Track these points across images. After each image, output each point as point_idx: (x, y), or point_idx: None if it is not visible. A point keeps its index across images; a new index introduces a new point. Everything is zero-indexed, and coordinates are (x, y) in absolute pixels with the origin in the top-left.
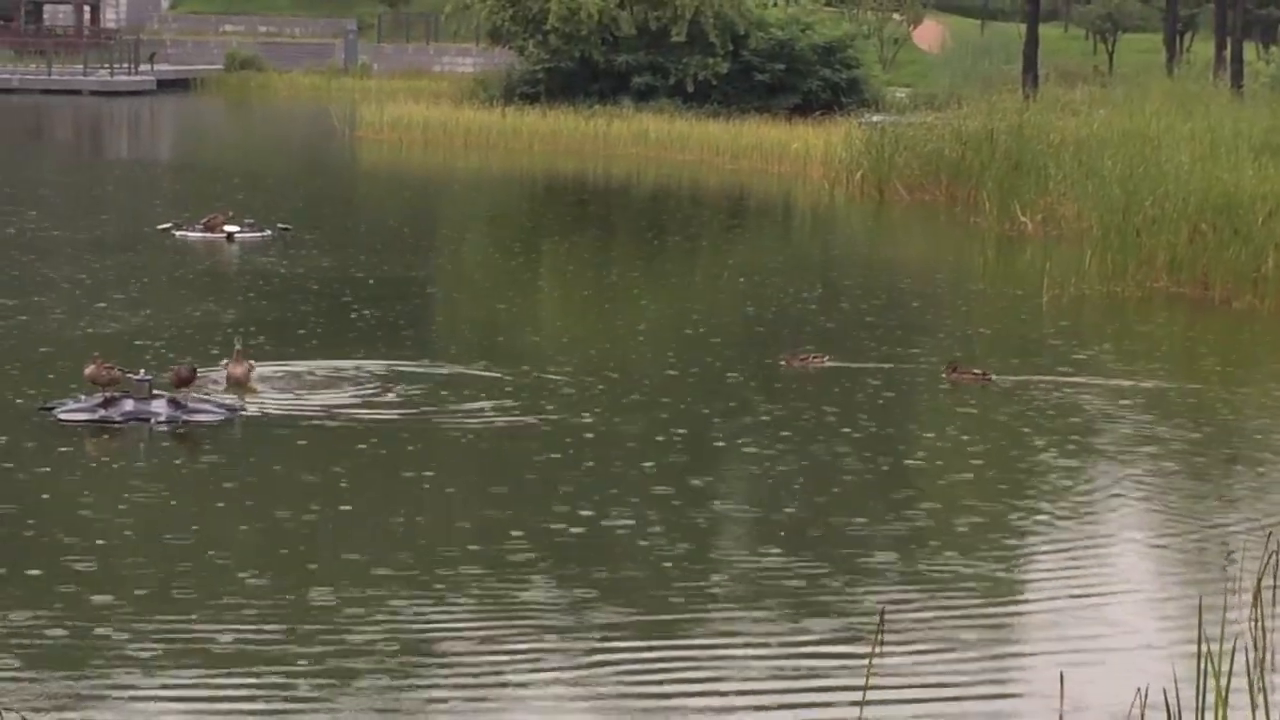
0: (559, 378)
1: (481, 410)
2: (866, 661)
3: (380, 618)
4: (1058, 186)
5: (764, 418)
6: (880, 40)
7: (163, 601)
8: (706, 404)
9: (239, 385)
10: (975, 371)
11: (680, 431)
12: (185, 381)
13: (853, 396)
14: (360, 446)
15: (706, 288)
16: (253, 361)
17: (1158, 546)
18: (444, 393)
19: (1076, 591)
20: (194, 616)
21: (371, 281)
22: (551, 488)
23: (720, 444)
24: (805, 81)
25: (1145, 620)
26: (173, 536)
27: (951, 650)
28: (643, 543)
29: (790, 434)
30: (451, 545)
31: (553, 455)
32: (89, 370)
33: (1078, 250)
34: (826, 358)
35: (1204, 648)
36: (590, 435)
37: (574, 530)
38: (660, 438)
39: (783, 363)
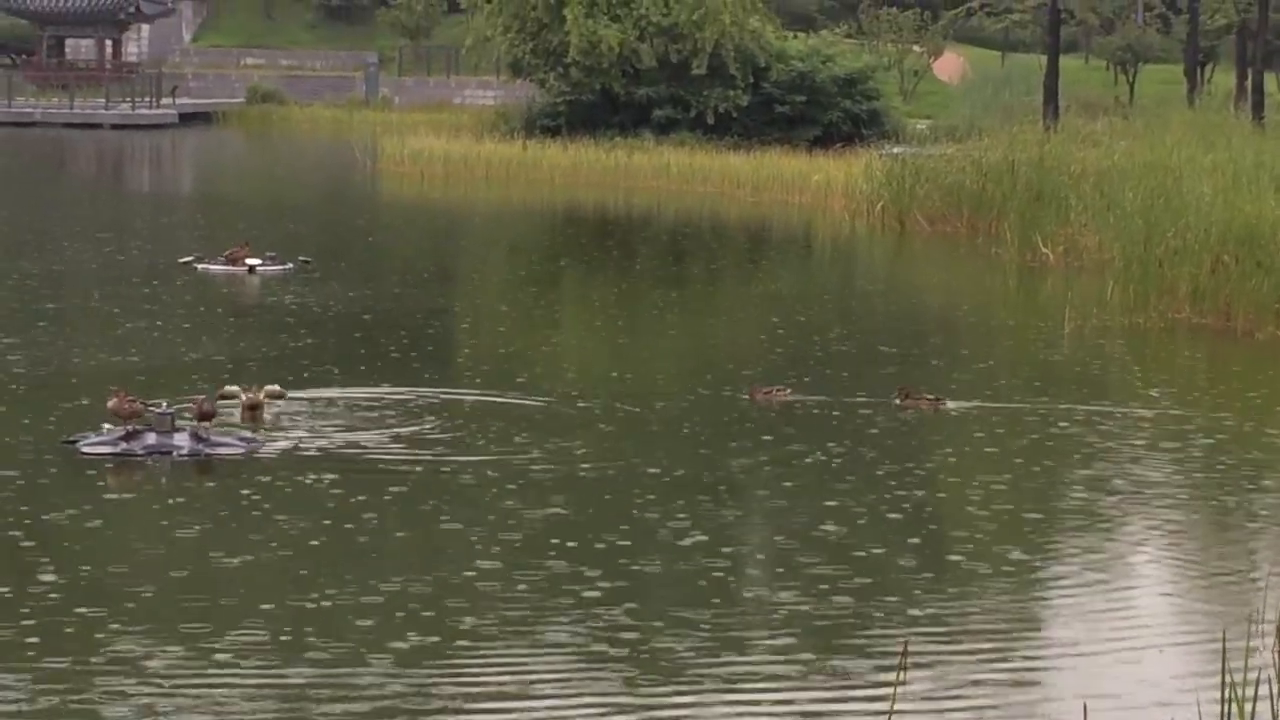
0: (579, 409)
1: (502, 440)
2: (890, 695)
3: (400, 659)
4: (1079, 218)
5: (784, 449)
6: (901, 72)
7: (180, 635)
8: (725, 435)
9: (251, 412)
10: (928, 397)
11: (696, 463)
12: (207, 415)
13: (871, 429)
14: (381, 478)
15: (727, 319)
16: (271, 389)
17: (1180, 580)
18: (467, 423)
19: (1099, 626)
20: (213, 651)
21: (393, 313)
22: (570, 522)
23: (740, 476)
24: (826, 113)
25: (1168, 656)
26: (193, 570)
27: (975, 684)
28: (661, 577)
29: (810, 466)
30: (471, 585)
31: (573, 489)
32: (111, 403)
33: (1099, 281)
34: (789, 390)
35: (1227, 680)
36: (609, 468)
37: (592, 567)
38: (678, 470)
39: (745, 397)
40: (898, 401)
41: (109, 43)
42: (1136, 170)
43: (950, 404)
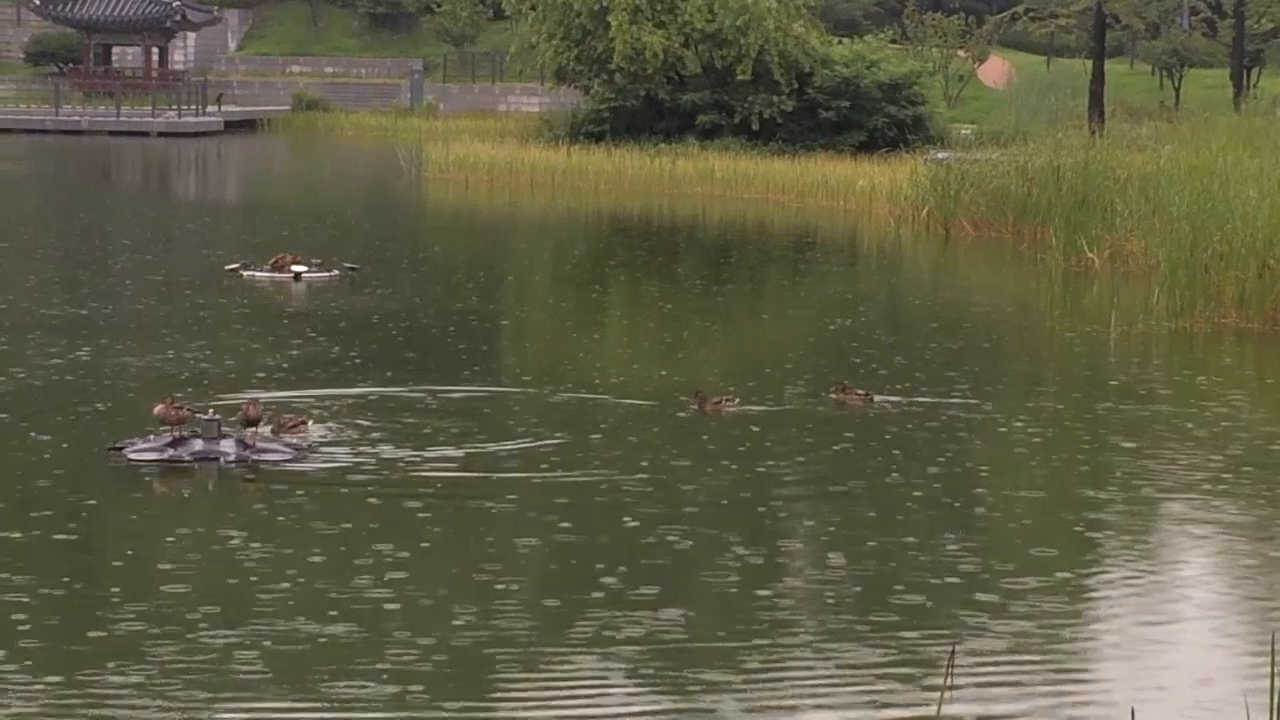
0: (625, 410)
1: (550, 444)
2: (937, 699)
3: (446, 676)
4: (1124, 222)
5: (826, 453)
6: (945, 77)
7: (227, 644)
8: (770, 439)
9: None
10: (859, 392)
11: (744, 467)
12: (253, 421)
13: (916, 432)
14: (429, 485)
15: (772, 324)
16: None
17: (1228, 582)
18: (515, 427)
19: (1147, 628)
20: (254, 660)
21: (439, 319)
22: (616, 527)
23: (787, 478)
24: (870, 119)
25: (1217, 656)
26: (237, 577)
27: (1020, 687)
28: (704, 579)
29: (854, 471)
30: (515, 598)
31: (616, 494)
32: (158, 409)
33: (1145, 286)
34: (736, 399)
35: (1276, 684)
36: (652, 470)
37: (631, 567)
38: (727, 476)
39: (694, 407)
40: (833, 397)
41: (155, 51)
42: (1182, 175)
43: (879, 399)
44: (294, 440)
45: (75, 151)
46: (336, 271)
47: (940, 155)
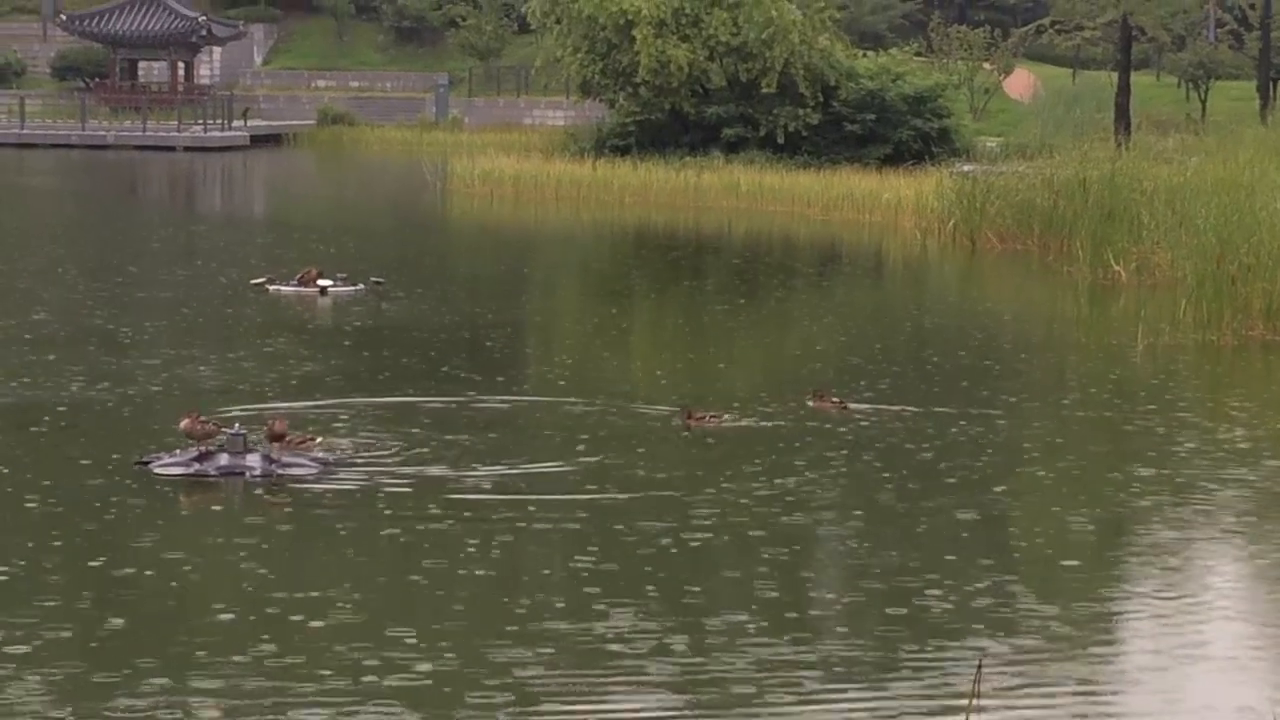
0: (648, 422)
1: (577, 456)
2: (964, 713)
3: (478, 698)
4: (1151, 235)
5: (848, 466)
6: (971, 90)
7: (254, 659)
8: (793, 452)
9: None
10: (835, 399)
11: (766, 481)
12: (279, 436)
13: (941, 443)
14: (455, 499)
15: (797, 336)
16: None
17: (1259, 594)
18: (542, 440)
19: (1176, 644)
20: (282, 674)
21: (465, 332)
22: (642, 543)
23: (807, 489)
24: (896, 132)
25: (1249, 671)
26: (262, 593)
27: (1051, 697)
28: (729, 591)
29: (878, 483)
30: (543, 617)
31: (642, 510)
32: (184, 424)
33: (1172, 298)
34: (725, 416)
35: None
36: (676, 485)
37: (655, 582)
38: (747, 483)
39: (677, 422)
40: (810, 404)
41: (181, 65)
42: (1209, 187)
43: (853, 406)
44: (320, 455)
45: (101, 166)
46: (362, 285)
47: (966, 168)
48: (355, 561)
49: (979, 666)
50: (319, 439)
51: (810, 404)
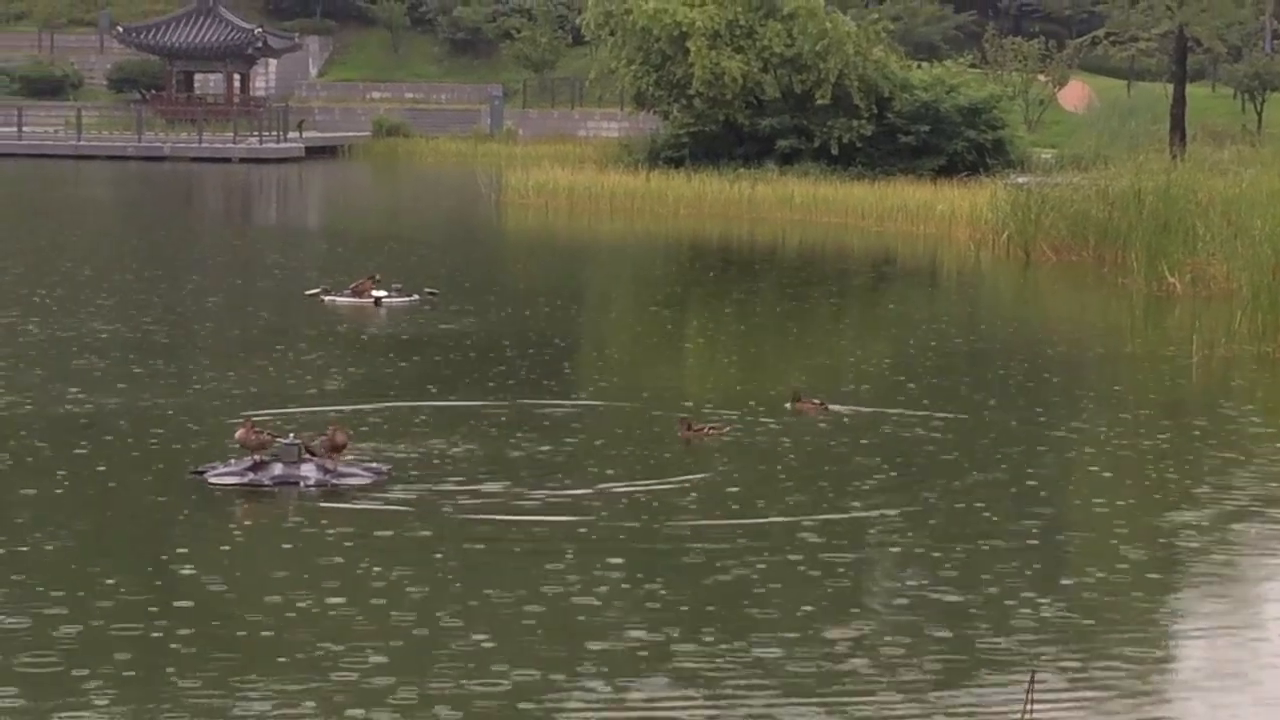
0: (705, 444)
1: (636, 465)
2: None
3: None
4: (1206, 246)
5: (906, 476)
6: (1025, 101)
7: (307, 668)
8: (847, 466)
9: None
10: (815, 401)
11: (817, 488)
12: (339, 447)
13: (993, 454)
14: (508, 511)
15: (851, 348)
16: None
17: None
18: (600, 451)
19: (1230, 659)
20: (335, 686)
21: (520, 342)
22: (695, 558)
23: (856, 504)
24: (950, 143)
25: None
26: (315, 605)
27: (1105, 714)
28: (778, 604)
29: (929, 491)
30: (589, 641)
31: (697, 527)
32: (239, 434)
33: (1227, 310)
34: (726, 428)
35: None
36: (731, 500)
37: (710, 596)
38: (803, 496)
39: (680, 433)
40: (789, 406)
41: (237, 77)
42: (1264, 198)
43: (835, 407)
44: (375, 465)
45: (157, 178)
46: (417, 296)
47: (1020, 179)
48: (411, 577)
49: (1031, 679)
50: (348, 442)
51: (789, 407)
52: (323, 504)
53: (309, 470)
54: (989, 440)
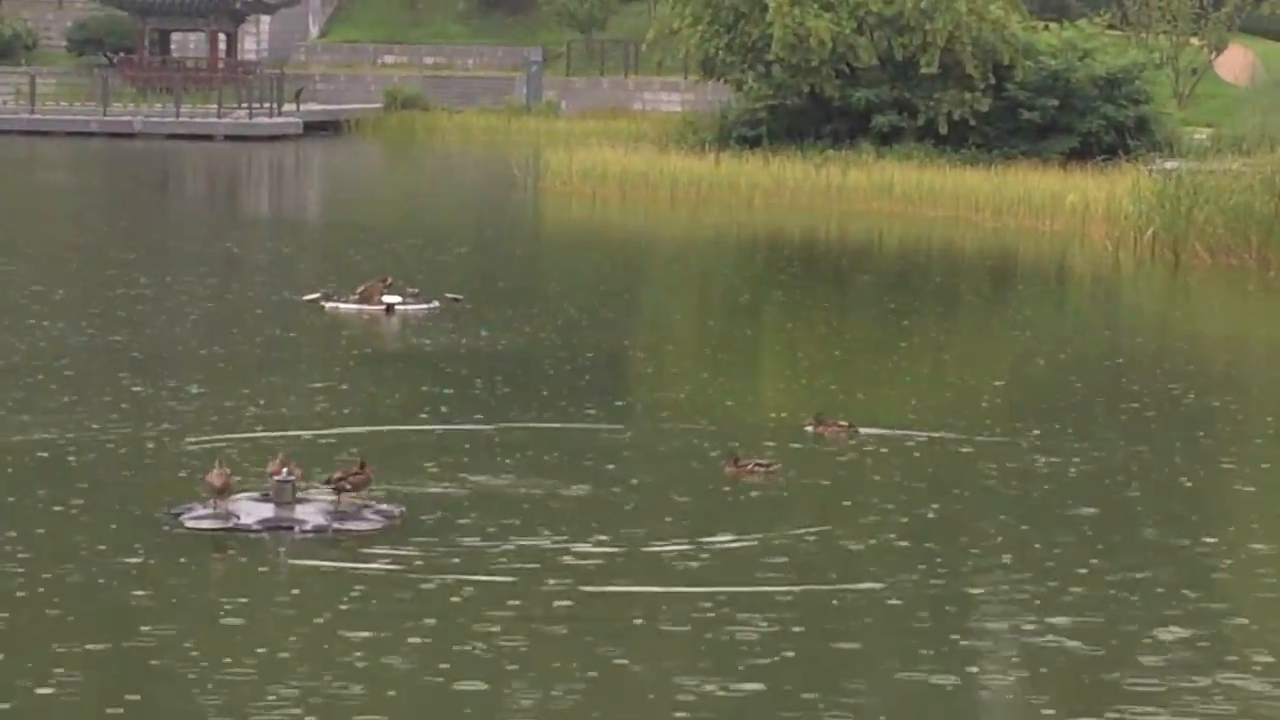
0: (787, 478)
1: (695, 508)
2: None
3: None
4: None
5: (1022, 500)
6: (1175, 70)
7: None
8: (948, 483)
9: (219, 494)
10: (841, 423)
11: (917, 513)
12: (359, 485)
13: (1131, 492)
14: (544, 564)
15: (959, 368)
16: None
17: None
18: (652, 489)
19: None
20: None
21: (559, 361)
22: (770, 626)
23: (964, 538)
24: (1083, 121)
25: None
26: (310, 672)
27: None
28: (875, 631)
29: (1058, 521)
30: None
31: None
32: (213, 476)
33: None
34: (777, 464)
35: None
36: (818, 558)
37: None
38: (903, 518)
39: (727, 469)
40: (810, 429)
41: (222, 38)
42: None
43: (864, 430)
44: (386, 507)
45: (127, 158)
46: (437, 303)
47: (1168, 165)
48: (424, 649)
49: None
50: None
51: (810, 430)
52: (316, 559)
53: (306, 513)
54: (1122, 473)
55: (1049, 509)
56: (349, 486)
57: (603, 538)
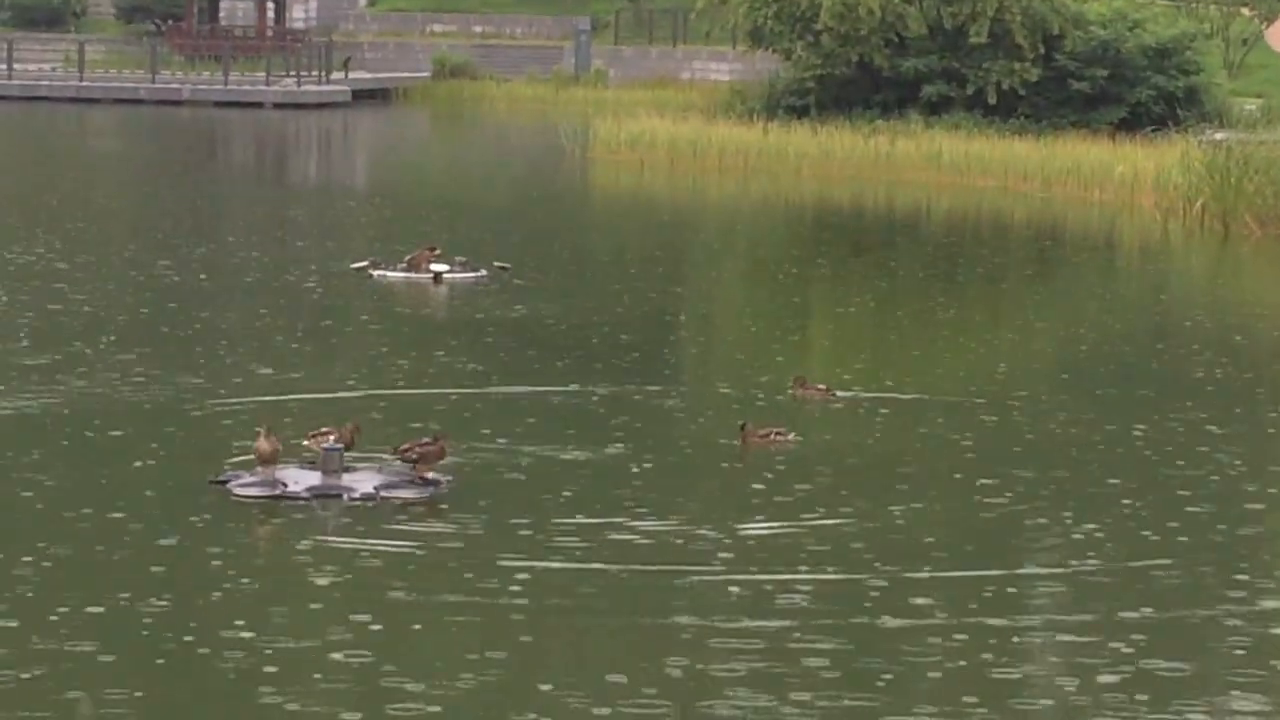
0: (819, 451)
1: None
2: None
3: None
4: None
5: (1067, 481)
6: (1226, 40)
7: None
8: (995, 462)
9: (267, 463)
10: (820, 387)
11: (959, 495)
12: (426, 457)
13: (1187, 465)
14: (588, 536)
15: (1006, 339)
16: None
17: None
18: (700, 463)
19: None
20: None
21: (607, 329)
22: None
23: (1009, 503)
24: (1133, 91)
25: None
26: (352, 638)
27: None
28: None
29: (1103, 501)
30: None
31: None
32: (259, 444)
33: None
34: (792, 435)
35: None
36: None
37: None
38: (949, 527)
39: (738, 443)
40: (791, 392)
41: (271, 5)
42: None
43: (841, 393)
44: (433, 475)
45: (175, 126)
46: (485, 272)
47: (1219, 136)
48: (467, 624)
49: None
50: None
51: (792, 393)
52: (365, 526)
53: (355, 481)
54: (1171, 446)
55: (1099, 479)
56: (415, 457)
57: (645, 509)
